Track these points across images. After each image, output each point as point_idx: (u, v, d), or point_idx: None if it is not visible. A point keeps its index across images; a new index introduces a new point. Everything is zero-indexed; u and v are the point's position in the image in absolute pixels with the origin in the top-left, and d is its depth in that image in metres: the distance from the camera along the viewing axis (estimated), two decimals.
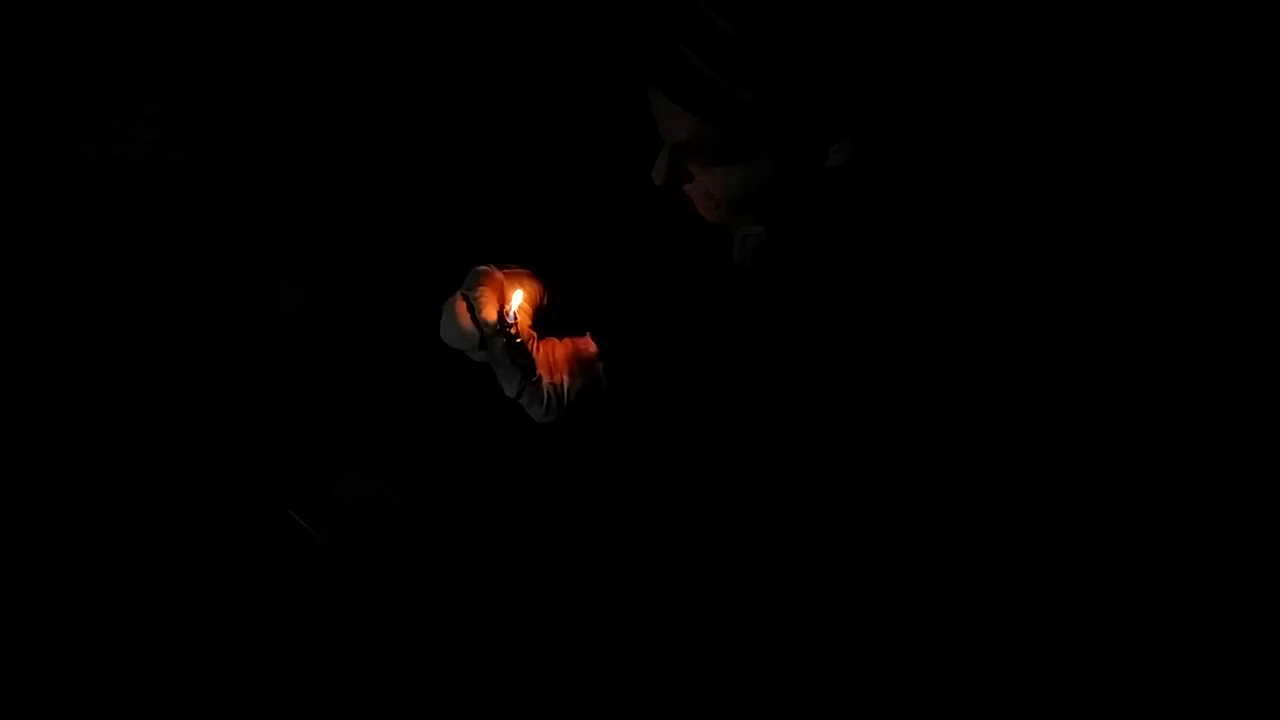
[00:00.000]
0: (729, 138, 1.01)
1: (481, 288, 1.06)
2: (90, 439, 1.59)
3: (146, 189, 1.65)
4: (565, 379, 1.10)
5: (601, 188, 1.25)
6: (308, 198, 1.66)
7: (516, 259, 1.13)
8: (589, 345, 1.14)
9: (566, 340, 1.13)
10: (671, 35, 0.99)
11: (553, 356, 1.11)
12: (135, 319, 1.63)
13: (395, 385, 1.57)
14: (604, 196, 1.24)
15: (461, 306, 1.06)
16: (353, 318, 1.61)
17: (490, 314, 1.05)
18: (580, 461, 1.27)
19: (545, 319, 1.13)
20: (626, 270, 1.22)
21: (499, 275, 1.09)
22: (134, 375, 1.61)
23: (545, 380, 1.08)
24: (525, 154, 1.58)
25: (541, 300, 1.12)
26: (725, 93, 0.97)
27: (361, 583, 1.52)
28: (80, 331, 1.63)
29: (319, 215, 1.66)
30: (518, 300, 1.07)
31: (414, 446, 1.53)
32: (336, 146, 1.68)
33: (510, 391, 1.08)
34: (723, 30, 0.96)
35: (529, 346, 1.08)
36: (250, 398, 1.61)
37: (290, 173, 1.67)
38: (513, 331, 1.05)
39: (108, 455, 1.58)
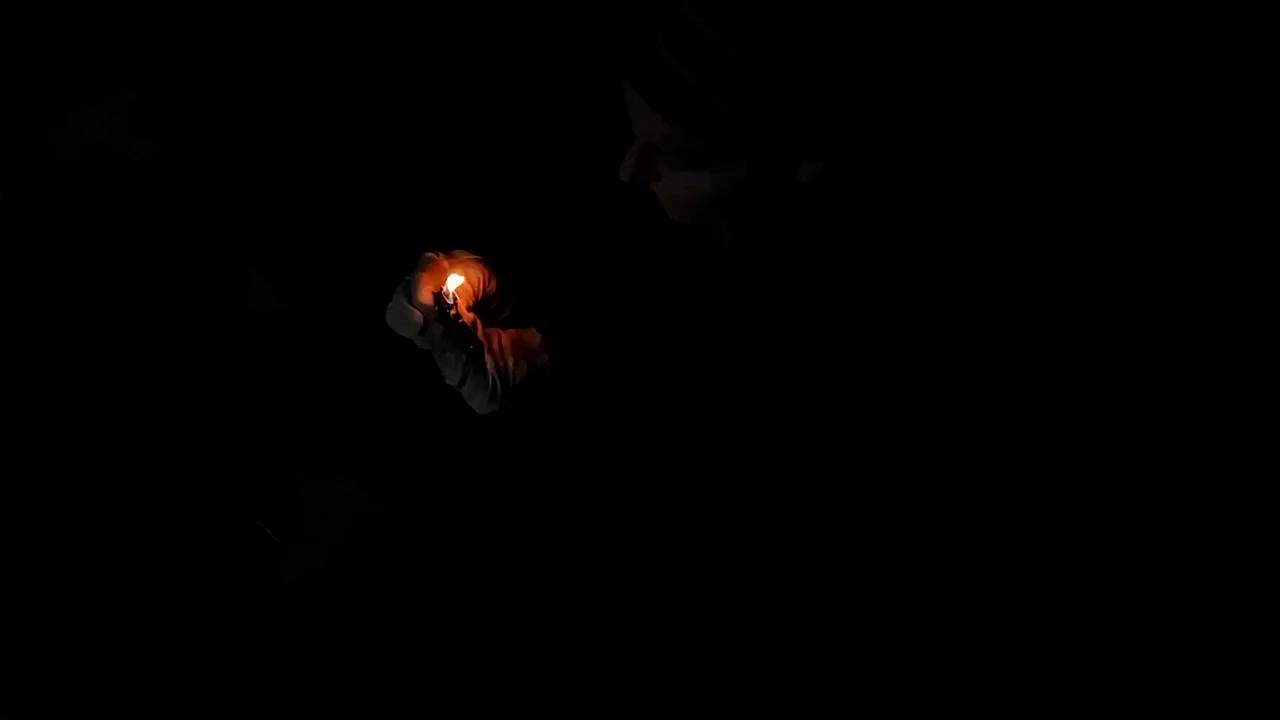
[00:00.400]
0: (700, 144, 1.02)
1: (420, 272, 1.07)
2: (47, 440, 1.57)
3: (113, 180, 1.65)
4: (509, 365, 1.10)
5: (569, 180, 1.27)
6: (279, 192, 1.66)
7: (470, 247, 1.13)
8: (533, 335, 1.14)
9: (511, 330, 1.14)
10: (654, 36, 1.01)
11: (495, 344, 1.11)
12: (98, 314, 1.62)
13: (365, 384, 1.57)
14: (571, 189, 1.26)
15: (399, 290, 1.07)
16: (325, 314, 1.61)
17: (425, 296, 1.05)
18: (527, 456, 1.28)
19: (496, 309, 1.13)
20: (589, 264, 1.23)
21: (442, 260, 1.09)
22: (95, 374, 1.60)
23: (489, 364, 1.08)
24: (498, 147, 1.58)
25: (488, 286, 1.11)
26: (701, 99, 0.99)
27: (334, 591, 1.51)
28: (38, 327, 1.61)
29: (290, 210, 1.66)
30: (455, 283, 1.08)
31: (379, 447, 1.53)
32: (309, 139, 1.67)
33: (451, 380, 1.08)
34: (706, 36, 0.98)
35: (471, 331, 1.08)
36: (220, 397, 1.60)
37: (262, 167, 1.67)
38: (452, 314, 1.06)
39: (66, 458, 1.56)
